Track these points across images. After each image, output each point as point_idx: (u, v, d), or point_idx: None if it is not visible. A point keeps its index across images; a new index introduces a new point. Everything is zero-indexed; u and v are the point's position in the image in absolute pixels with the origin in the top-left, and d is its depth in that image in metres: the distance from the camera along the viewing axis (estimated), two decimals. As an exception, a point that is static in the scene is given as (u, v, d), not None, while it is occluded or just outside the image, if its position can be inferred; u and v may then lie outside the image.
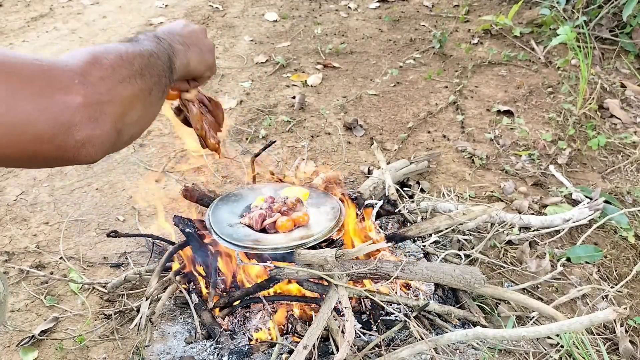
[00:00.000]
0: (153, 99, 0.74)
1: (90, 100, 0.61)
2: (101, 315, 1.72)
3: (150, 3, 4.60)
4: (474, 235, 2.00)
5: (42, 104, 0.57)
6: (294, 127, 2.83)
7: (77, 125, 0.59)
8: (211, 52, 1.03)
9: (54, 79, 0.59)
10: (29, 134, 0.57)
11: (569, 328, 1.38)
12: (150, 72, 0.73)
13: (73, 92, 0.59)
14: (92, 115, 0.61)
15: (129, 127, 0.68)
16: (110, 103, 0.64)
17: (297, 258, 1.50)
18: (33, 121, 0.57)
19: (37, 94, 0.57)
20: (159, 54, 0.80)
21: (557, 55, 3.51)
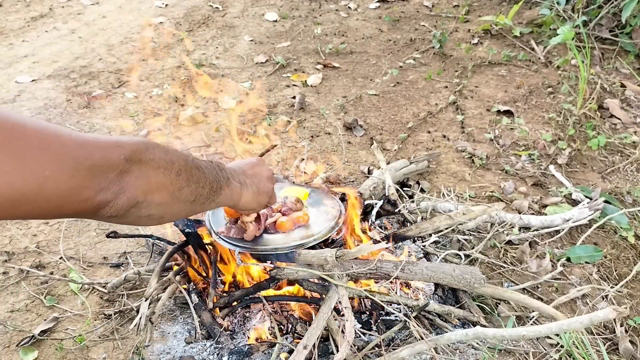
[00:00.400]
0: (182, 197, 0.86)
1: (124, 173, 0.72)
2: (101, 315, 1.72)
3: (150, 3, 4.60)
4: (474, 235, 2.00)
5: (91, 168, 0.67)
6: (293, 127, 2.83)
7: (108, 189, 0.70)
8: (267, 194, 1.20)
9: (105, 150, 0.70)
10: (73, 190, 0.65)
11: (568, 327, 1.38)
12: (187, 177, 0.86)
13: (116, 165, 0.71)
14: (121, 183, 0.72)
15: (148, 206, 0.78)
16: (138, 178, 0.75)
17: (297, 258, 1.50)
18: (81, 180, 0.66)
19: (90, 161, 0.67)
20: (207, 173, 0.94)
21: (557, 55, 3.51)
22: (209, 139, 2.74)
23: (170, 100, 3.11)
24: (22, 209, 0.61)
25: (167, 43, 3.86)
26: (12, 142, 0.58)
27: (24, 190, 0.59)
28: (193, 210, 0.93)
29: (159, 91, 3.20)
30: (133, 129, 2.82)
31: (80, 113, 2.97)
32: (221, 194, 1.00)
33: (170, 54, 3.69)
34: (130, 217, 0.77)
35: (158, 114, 2.97)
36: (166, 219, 0.87)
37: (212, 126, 2.84)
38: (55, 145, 0.62)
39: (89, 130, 2.81)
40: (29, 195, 0.60)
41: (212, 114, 2.97)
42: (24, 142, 0.59)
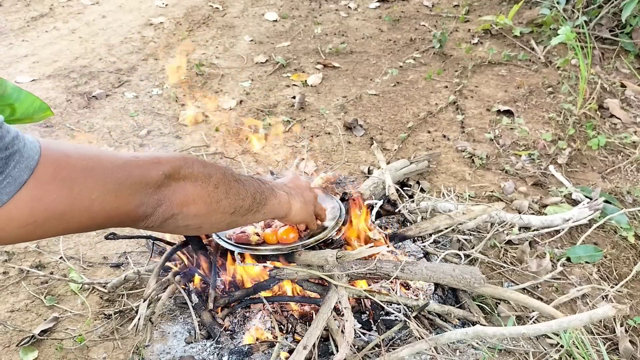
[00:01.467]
0: (220, 209, 0.89)
1: (161, 187, 0.77)
2: (101, 315, 1.72)
3: (150, 2, 4.60)
4: (474, 235, 2.00)
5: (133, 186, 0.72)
6: (294, 127, 2.83)
7: (149, 204, 0.75)
8: (312, 203, 1.25)
9: (145, 169, 0.74)
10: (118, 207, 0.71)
11: (568, 325, 1.38)
12: (226, 189, 0.89)
13: (156, 182, 0.75)
14: (158, 197, 0.76)
15: (184, 218, 0.81)
16: (175, 192, 0.79)
17: (297, 258, 1.50)
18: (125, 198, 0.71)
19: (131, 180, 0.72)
20: (247, 185, 0.97)
21: (557, 55, 3.50)
22: (209, 139, 2.74)
23: (170, 100, 3.11)
24: (71, 227, 0.66)
25: (167, 43, 3.86)
26: (59, 172, 0.62)
27: (74, 213, 0.64)
28: (235, 221, 0.95)
29: (159, 91, 3.20)
30: (133, 129, 2.82)
31: (80, 113, 2.97)
32: (267, 204, 1.03)
33: (170, 54, 3.69)
34: (167, 227, 0.80)
35: (158, 114, 2.97)
36: (205, 230, 0.91)
37: (212, 126, 2.84)
38: (98, 170, 0.67)
39: (88, 130, 2.81)
40: (79, 216, 0.65)
41: (212, 114, 2.97)
42: (70, 171, 0.64)
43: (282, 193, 1.11)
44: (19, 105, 0.82)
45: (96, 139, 2.74)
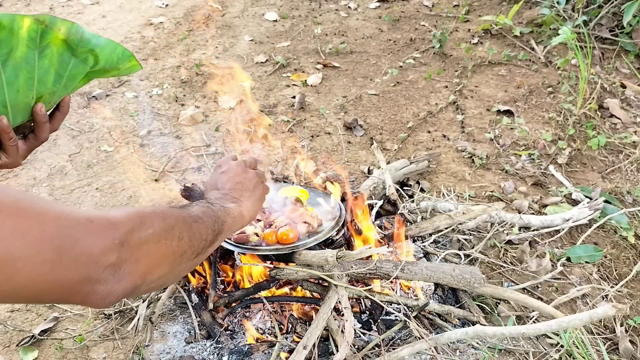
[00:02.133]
0: (183, 261, 0.77)
1: (121, 260, 0.62)
2: (101, 315, 1.72)
3: (150, 2, 4.60)
4: (474, 235, 2.00)
5: (78, 258, 0.57)
6: (293, 127, 2.83)
7: (100, 281, 0.60)
8: (263, 194, 1.12)
9: (96, 235, 0.60)
10: (54, 283, 0.56)
11: (568, 324, 1.38)
12: (189, 237, 0.77)
13: (110, 252, 0.60)
14: (117, 272, 0.62)
15: (148, 284, 0.69)
16: (137, 262, 0.65)
17: (297, 258, 1.50)
18: (64, 272, 0.56)
19: (77, 249, 0.57)
20: (205, 219, 0.86)
21: (557, 55, 3.50)
22: (209, 138, 2.74)
23: (170, 100, 3.11)
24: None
25: (167, 43, 3.86)
26: None
27: None
28: (198, 261, 0.85)
29: (159, 91, 3.20)
30: (133, 129, 2.82)
31: (80, 113, 2.97)
32: (224, 229, 0.91)
33: (170, 54, 3.69)
34: (129, 297, 0.72)
35: (158, 114, 2.97)
36: (168, 284, 0.82)
37: (212, 126, 2.84)
38: (34, 230, 0.53)
39: (88, 130, 2.81)
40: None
41: (212, 114, 2.97)
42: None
43: (232, 206, 0.98)
44: (101, 51, 0.75)
45: (96, 138, 2.74)
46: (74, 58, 0.74)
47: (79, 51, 0.74)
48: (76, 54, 0.74)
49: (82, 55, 0.75)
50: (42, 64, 0.71)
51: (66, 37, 0.72)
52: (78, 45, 0.73)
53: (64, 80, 0.75)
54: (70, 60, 0.74)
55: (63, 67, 0.74)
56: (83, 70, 0.77)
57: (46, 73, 0.73)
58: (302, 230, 1.51)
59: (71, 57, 0.74)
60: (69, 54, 0.73)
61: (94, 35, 0.75)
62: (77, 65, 0.75)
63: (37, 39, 0.69)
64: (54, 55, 0.72)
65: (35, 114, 0.78)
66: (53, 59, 0.72)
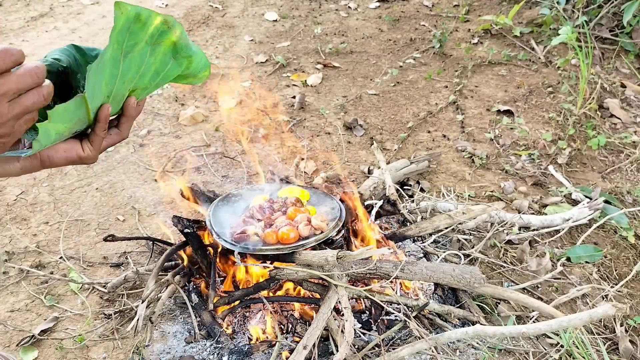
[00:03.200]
0: None
1: None
2: (101, 315, 1.72)
3: (150, 2, 4.60)
4: (474, 234, 2.00)
5: None
6: (293, 127, 2.83)
7: None
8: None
9: None
10: None
11: (568, 324, 1.38)
12: None
13: None
14: None
15: None
16: None
17: (297, 258, 1.50)
18: None
19: None
20: None
21: (557, 55, 3.50)
22: (209, 138, 2.73)
23: (170, 100, 3.11)
24: None
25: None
26: None
27: None
28: None
29: (159, 91, 3.20)
30: (133, 129, 2.82)
31: (80, 113, 2.97)
32: None
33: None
34: None
35: (158, 114, 2.97)
36: None
37: (212, 126, 2.84)
38: None
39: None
40: None
41: (212, 114, 2.97)
42: None
43: None
44: (194, 58, 0.79)
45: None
46: (174, 60, 0.77)
47: (180, 55, 0.77)
48: (176, 57, 0.77)
49: (181, 59, 0.78)
50: (150, 60, 0.74)
51: (177, 40, 0.75)
52: (182, 50, 0.77)
53: (158, 78, 0.78)
54: (170, 61, 0.77)
55: (163, 67, 0.77)
56: (176, 73, 0.80)
57: (148, 69, 0.76)
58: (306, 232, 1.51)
59: (171, 59, 0.77)
60: (171, 55, 0.77)
61: (193, 43, 0.79)
62: (174, 67, 0.78)
63: (156, 37, 0.73)
64: (160, 55, 0.75)
65: (129, 107, 0.78)
66: (158, 58, 0.75)
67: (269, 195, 1.73)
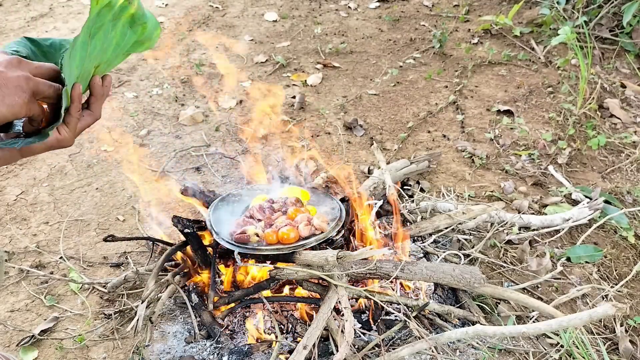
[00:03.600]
0: None
1: None
2: (101, 315, 1.72)
3: (150, 2, 4.60)
4: (474, 234, 2.00)
5: None
6: (294, 127, 2.83)
7: None
8: (18, 85, 0.72)
9: None
10: None
11: (568, 324, 1.38)
12: None
13: None
14: None
15: None
16: None
17: (297, 258, 1.50)
18: None
19: None
20: None
21: (557, 55, 3.50)
22: (209, 138, 2.73)
23: (170, 100, 3.11)
24: None
25: (167, 43, 3.86)
26: None
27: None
28: None
29: (159, 91, 3.20)
30: (133, 129, 2.82)
31: (80, 113, 2.97)
32: None
33: (170, 54, 3.69)
34: None
35: (158, 114, 2.97)
36: None
37: (212, 126, 2.84)
38: None
39: (88, 129, 2.81)
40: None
41: (212, 114, 2.97)
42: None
43: None
44: (148, 22, 0.81)
45: (96, 138, 2.74)
46: (130, 30, 0.78)
47: (136, 23, 0.78)
48: (133, 26, 0.78)
49: (137, 26, 0.79)
50: (111, 35, 0.76)
51: (135, 11, 0.76)
52: (139, 19, 0.78)
53: (119, 49, 0.79)
54: (127, 31, 0.78)
55: (122, 38, 0.78)
56: (132, 40, 0.81)
57: (110, 44, 0.77)
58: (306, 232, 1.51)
59: (128, 29, 0.78)
60: (129, 26, 0.78)
61: (145, 9, 0.80)
62: (131, 35, 0.79)
63: (117, 13, 0.74)
64: (120, 28, 0.76)
65: (95, 86, 0.78)
66: (118, 31, 0.76)
67: (269, 195, 1.73)
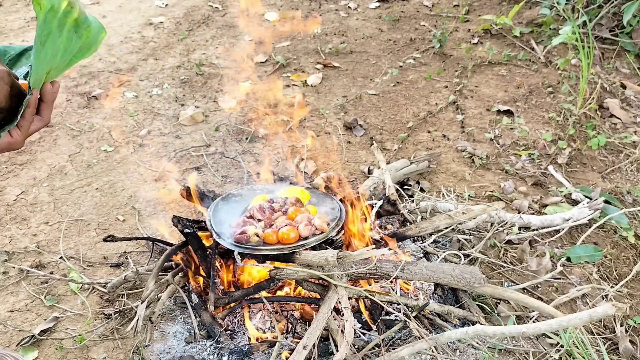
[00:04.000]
0: None
1: None
2: (101, 315, 1.72)
3: (150, 2, 4.60)
4: (474, 234, 2.00)
5: None
6: (293, 127, 2.83)
7: None
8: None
9: None
10: None
11: (568, 323, 1.38)
12: None
13: None
14: None
15: None
16: None
17: (297, 258, 1.50)
18: None
19: None
20: None
21: (557, 55, 3.50)
22: (209, 138, 2.73)
23: (170, 100, 3.11)
24: None
25: (167, 43, 3.86)
26: None
27: None
28: None
29: (159, 91, 3.20)
30: (133, 129, 2.82)
31: (80, 113, 2.97)
32: None
33: (170, 54, 3.69)
34: None
35: (158, 114, 2.97)
36: None
37: (212, 126, 2.84)
38: None
39: (88, 129, 2.81)
40: None
41: (212, 114, 2.97)
42: None
43: None
44: (92, 26, 0.84)
45: (96, 138, 2.74)
46: (76, 34, 0.81)
47: (81, 28, 0.81)
48: (78, 31, 0.81)
49: (81, 31, 0.82)
50: (59, 41, 0.78)
51: (78, 16, 0.79)
52: (82, 23, 0.81)
53: (66, 55, 0.82)
54: (73, 37, 0.81)
55: (69, 43, 0.81)
56: (77, 45, 0.84)
57: (58, 50, 0.79)
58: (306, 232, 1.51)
59: (74, 34, 0.81)
60: (74, 31, 0.80)
61: (88, 14, 0.84)
62: (76, 40, 0.82)
63: (62, 18, 0.77)
64: (66, 33, 0.79)
65: (46, 92, 0.81)
66: (64, 36, 0.79)
67: (269, 195, 1.73)
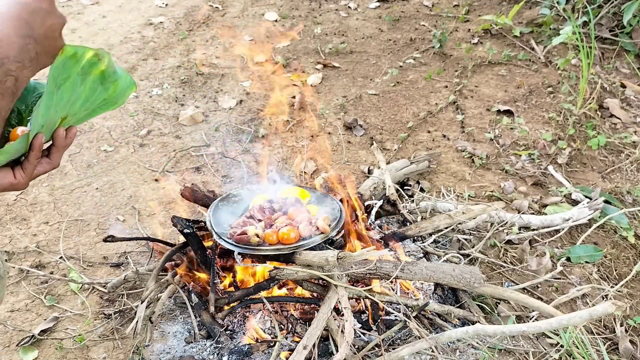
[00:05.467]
0: None
1: None
2: (101, 315, 1.72)
3: (150, 2, 4.60)
4: (474, 234, 2.00)
5: None
6: (293, 127, 2.83)
7: None
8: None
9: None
10: None
11: (568, 323, 1.38)
12: None
13: None
14: None
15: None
16: None
17: (297, 258, 1.50)
18: None
19: None
20: None
21: (557, 55, 3.50)
22: (209, 138, 2.73)
23: (170, 100, 3.11)
24: None
25: (167, 43, 3.86)
26: None
27: None
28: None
29: (159, 91, 3.20)
30: (133, 129, 2.82)
31: (80, 113, 2.97)
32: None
33: (170, 54, 3.69)
34: None
35: (158, 114, 2.97)
36: None
37: (212, 126, 2.84)
38: None
39: (88, 130, 2.81)
40: None
41: (212, 114, 2.97)
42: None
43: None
44: (120, 81, 0.83)
45: (96, 138, 2.74)
46: (101, 86, 0.80)
47: (107, 81, 0.80)
48: (104, 83, 0.80)
49: (108, 84, 0.81)
50: (80, 89, 0.77)
51: (105, 68, 0.78)
52: (109, 76, 0.80)
53: (87, 104, 0.81)
54: (98, 87, 0.80)
55: (92, 94, 0.80)
56: (102, 97, 0.83)
57: (78, 97, 0.78)
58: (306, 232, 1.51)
59: (99, 85, 0.80)
60: (99, 82, 0.79)
61: (119, 67, 0.83)
62: (102, 92, 0.81)
63: (87, 68, 0.76)
64: (89, 83, 0.78)
65: (58, 137, 0.80)
66: (87, 86, 0.78)
67: (269, 195, 1.73)
